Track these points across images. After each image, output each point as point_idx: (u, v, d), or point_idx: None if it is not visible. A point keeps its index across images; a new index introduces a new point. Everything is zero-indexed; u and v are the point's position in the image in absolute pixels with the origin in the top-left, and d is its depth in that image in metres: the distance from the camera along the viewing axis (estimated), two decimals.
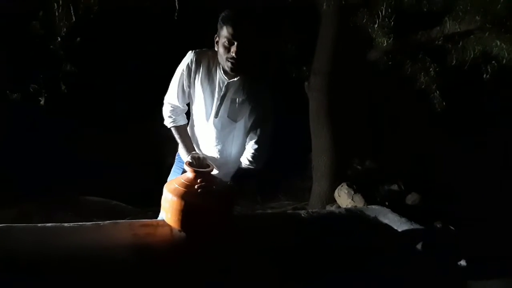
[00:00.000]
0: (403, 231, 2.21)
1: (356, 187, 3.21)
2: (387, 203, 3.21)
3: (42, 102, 2.41)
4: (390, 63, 3.05)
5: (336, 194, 3.35)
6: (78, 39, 2.33)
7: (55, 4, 2.18)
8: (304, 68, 3.46)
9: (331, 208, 3.28)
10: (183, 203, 1.60)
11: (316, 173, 3.73)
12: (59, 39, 2.28)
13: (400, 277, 1.77)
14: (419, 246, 2.09)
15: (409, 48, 2.90)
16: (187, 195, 1.61)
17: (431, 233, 2.37)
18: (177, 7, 2.28)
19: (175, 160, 2.04)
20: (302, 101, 3.70)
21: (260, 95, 1.72)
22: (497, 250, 2.17)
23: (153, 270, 1.47)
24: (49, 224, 1.60)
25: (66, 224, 1.62)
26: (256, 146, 1.73)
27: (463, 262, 2.01)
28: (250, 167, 1.76)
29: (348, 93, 3.35)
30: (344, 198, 3.20)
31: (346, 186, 3.23)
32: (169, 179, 2.03)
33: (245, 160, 1.76)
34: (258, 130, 1.73)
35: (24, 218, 3.38)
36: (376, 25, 2.52)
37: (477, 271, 1.91)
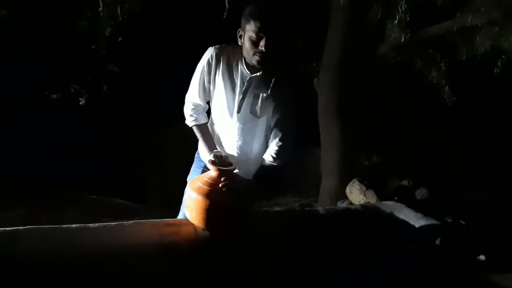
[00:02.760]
0: (421, 227, 2.22)
1: (368, 183, 3.21)
2: (396, 198, 3.22)
3: (82, 103, 2.39)
4: (399, 58, 3.05)
5: (347, 190, 3.35)
6: (120, 39, 2.31)
7: (101, 4, 2.16)
8: (314, 64, 3.44)
9: (342, 204, 3.28)
10: (208, 202, 1.59)
11: (324, 169, 3.73)
12: (102, 39, 2.26)
13: (420, 272, 1.78)
14: (438, 242, 2.10)
15: (419, 42, 2.90)
16: (212, 194, 1.61)
17: (448, 228, 2.39)
18: (227, 6, 2.26)
19: (195, 159, 2.03)
20: (308, 97, 3.70)
21: (284, 90, 1.71)
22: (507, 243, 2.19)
23: (179, 268, 1.47)
24: (74, 225, 1.59)
25: (91, 225, 1.61)
26: (280, 143, 1.73)
27: (482, 257, 2.03)
28: (273, 164, 1.75)
29: (357, 88, 3.35)
30: (356, 194, 3.20)
31: (358, 182, 3.23)
32: (189, 178, 2.02)
33: (269, 156, 1.75)
34: (283, 127, 1.73)
35: (31, 219, 3.37)
36: (396, 21, 2.51)
37: (495, 265, 1.92)
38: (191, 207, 1.65)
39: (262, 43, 1.55)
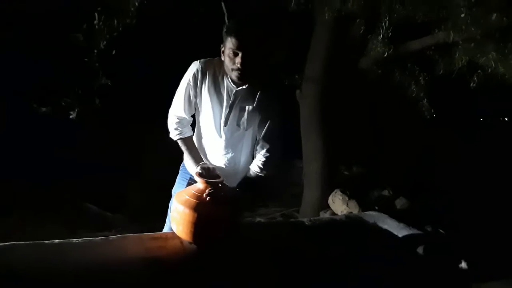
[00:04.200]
0: (403, 236, 2.27)
1: (350, 193, 3.26)
2: (376, 208, 3.28)
3: (73, 116, 2.33)
4: (379, 71, 3.14)
5: (330, 200, 3.39)
6: (114, 51, 2.28)
7: (97, 17, 2.14)
8: (296, 76, 3.49)
9: (325, 214, 3.32)
10: (195, 215, 1.58)
11: (307, 179, 3.76)
12: (96, 52, 2.23)
13: (403, 281, 1.82)
14: (420, 250, 2.15)
15: (399, 57, 2.99)
16: (200, 207, 1.59)
17: (430, 237, 2.44)
18: (225, 13, 2.25)
19: (180, 171, 2.02)
20: (290, 106, 3.74)
21: (270, 102, 1.73)
22: (490, 251, 2.26)
23: (166, 283, 1.45)
24: (57, 241, 1.54)
25: (74, 240, 1.57)
26: (267, 154, 1.74)
27: (464, 264, 2.08)
28: (260, 174, 1.76)
29: (340, 100, 3.41)
30: (339, 204, 3.24)
31: (340, 192, 3.27)
32: (174, 190, 2.00)
33: (255, 167, 1.76)
34: (269, 138, 1.74)
35: (6, 231, 3.25)
36: (380, 36, 2.59)
37: (477, 273, 1.98)
38: (178, 220, 1.63)
39: (238, 59, 1.58)
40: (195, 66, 1.73)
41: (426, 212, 3.51)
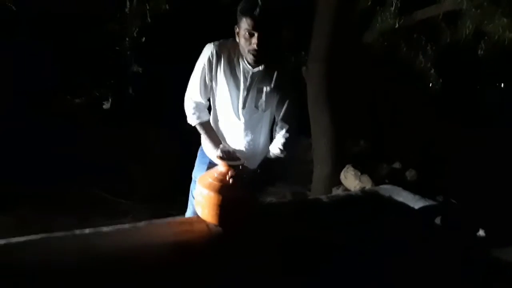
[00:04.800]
0: (420, 208, 2.31)
1: (361, 168, 3.28)
2: (386, 181, 3.31)
3: (107, 106, 2.33)
4: (385, 44, 3.12)
5: (342, 176, 3.41)
6: (144, 39, 2.25)
7: (128, 4, 2.11)
8: (303, 53, 3.47)
9: (337, 190, 3.35)
10: (220, 197, 1.60)
11: (317, 157, 3.78)
12: (128, 40, 2.20)
13: (425, 252, 1.86)
14: (437, 221, 2.19)
15: (405, 28, 2.96)
16: (224, 189, 1.62)
17: (446, 208, 2.48)
18: None
19: (198, 155, 2.04)
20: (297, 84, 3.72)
21: (287, 83, 1.73)
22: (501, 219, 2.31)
23: (194, 266, 1.48)
24: (87, 230, 1.57)
25: (104, 228, 1.60)
26: (287, 135, 1.75)
27: (481, 232, 2.13)
28: (280, 155, 1.77)
29: (346, 77, 3.40)
30: (351, 179, 3.27)
31: (352, 168, 3.29)
32: (194, 174, 2.03)
33: (275, 149, 1.77)
34: (288, 119, 1.75)
35: (23, 225, 3.29)
36: (392, 8, 2.55)
37: (495, 240, 2.02)
38: (203, 204, 1.66)
39: (254, 40, 1.55)
40: (209, 49, 1.71)
41: (436, 182, 3.56)
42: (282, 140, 1.76)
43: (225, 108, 1.79)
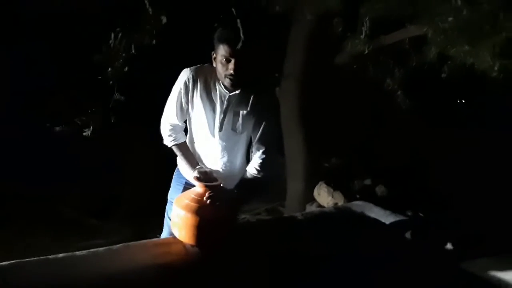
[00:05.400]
0: (391, 223, 2.39)
1: (334, 185, 3.37)
2: (358, 196, 3.41)
3: (87, 134, 2.29)
4: (355, 66, 3.25)
5: (315, 193, 3.48)
6: (126, 68, 2.25)
7: (113, 37, 2.11)
8: (276, 75, 3.56)
9: (311, 207, 3.41)
10: (197, 218, 1.62)
11: (291, 174, 3.85)
12: (110, 70, 2.20)
13: (396, 263, 1.93)
14: (408, 235, 2.28)
15: (375, 52, 3.11)
16: (200, 210, 1.63)
17: (416, 222, 2.58)
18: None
19: (174, 177, 2.05)
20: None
21: (263, 105, 1.78)
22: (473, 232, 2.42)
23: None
24: (61, 255, 1.54)
25: (78, 253, 1.57)
26: (263, 156, 1.79)
27: (449, 245, 2.23)
28: (257, 175, 1.81)
29: (319, 96, 3.51)
30: (324, 196, 3.34)
31: (325, 185, 3.37)
32: (170, 196, 2.03)
33: (252, 169, 1.81)
34: (265, 140, 1.79)
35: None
36: (362, 36, 2.69)
37: (462, 253, 2.12)
38: (180, 225, 1.67)
39: (230, 66, 1.62)
40: (186, 74, 1.77)
41: (405, 196, 3.69)
42: (259, 161, 1.80)
43: (201, 130, 1.82)
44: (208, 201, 1.64)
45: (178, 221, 1.67)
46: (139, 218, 3.82)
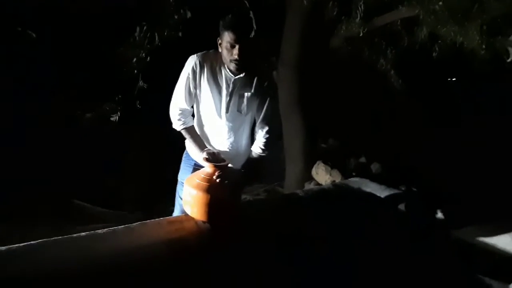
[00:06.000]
0: (386, 196, 2.54)
1: (331, 163, 3.50)
2: (354, 174, 3.55)
3: (115, 119, 2.37)
4: (349, 48, 3.34)
5: (313, 172, 3.61)
6: (149, 58, 2.32)
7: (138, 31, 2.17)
8: (274, 59, 3.64)
9: (310, 185, 3.55)
10: (208, 196, 1.73)
11: (289, 155, 3.97)
12: (135, 60, 2.27)
13: (394, 233, 2.07)
14: (402, 207, 2.43)
15: (367, 33, 3.20)
16: (211, 189, 1.75)
17: (409, 195, 2.73)
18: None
19: (183, 159, 2.16)
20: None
21: (266, 88, 1.89)
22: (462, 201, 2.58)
23: (189, 262, 1.60)
24: (84, 234, 1.65)
25: (99, 231, 1.68)
26: (267, 135, 1.92)
27: (440, 215, 2.38)
28: (262, 154, 1.94)
29: (315, 80, 3.60)
30: (322, 174, 3.47)
31: (323, 164, 3.50)
32: (180, 176, 2.14)
33: (257, 148, 1.94)
34: (268, 120, 1.92)
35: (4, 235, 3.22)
36: (358, 18, 2.77)
37: (453, 221, 2.28)
38: (192, 203, 1.78)
39: (235, 51, 1.73)
40: (192, 60, 1.87)
41: (398, 173, 3.84)
42: (263, 140, 1.92)
43: (209, 113, 1.93)
44: (217, 180, 1.75)
45: (190, 199, 1.78)
46: (143, 205, 3.90)
